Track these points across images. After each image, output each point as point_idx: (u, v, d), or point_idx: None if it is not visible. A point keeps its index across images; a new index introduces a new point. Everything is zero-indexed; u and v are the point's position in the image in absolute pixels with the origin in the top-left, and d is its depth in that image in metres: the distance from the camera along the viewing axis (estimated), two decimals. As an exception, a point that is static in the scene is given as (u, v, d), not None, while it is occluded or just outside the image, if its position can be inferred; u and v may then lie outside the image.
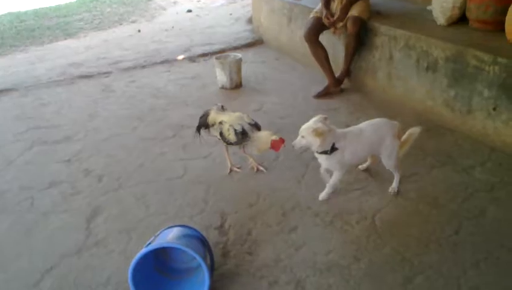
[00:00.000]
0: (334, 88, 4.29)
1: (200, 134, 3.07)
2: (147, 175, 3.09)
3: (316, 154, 2.61)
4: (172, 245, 1.93)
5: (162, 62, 5.45)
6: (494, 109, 3.04)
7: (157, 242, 1.94)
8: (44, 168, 3.24)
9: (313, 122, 2.48)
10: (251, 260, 2.27)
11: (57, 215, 2.71)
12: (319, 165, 3.04)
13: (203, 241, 2.10)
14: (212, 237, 2.41)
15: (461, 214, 2.53)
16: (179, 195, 2.85)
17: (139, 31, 6.76)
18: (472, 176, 2.88)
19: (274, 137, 2.74)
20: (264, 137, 2.78)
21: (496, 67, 2.94)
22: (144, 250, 1.88)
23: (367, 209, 2.61)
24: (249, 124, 2.84)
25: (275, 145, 2.73)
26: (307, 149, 2.56)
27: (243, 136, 2.80)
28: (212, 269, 2.10)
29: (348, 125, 3.62)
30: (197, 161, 3.23)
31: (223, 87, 4.61)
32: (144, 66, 5.33)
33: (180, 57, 5.58)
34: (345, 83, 4.41)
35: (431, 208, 2.59)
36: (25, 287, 2.17)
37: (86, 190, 2.95)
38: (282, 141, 2.73)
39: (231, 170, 3.07)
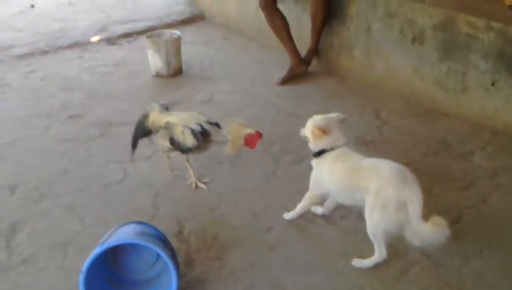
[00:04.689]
0: (300, 68, 4.84)
1: (135, 148, 3.34)
2: (75, 182, 3.44)
3: None
4: (136, 241, 2.32)
5: (71, 46, 5.78)
6: (493, 84, 3.69)
7: (115, 239, 2.33)
8: None
9: (321, 117, 2.85)
10: (221, 266, 2.71)
11: (-37, 236, 3.00)
12: (291, 160, 3.56)
13: (164, 242, 2.50)
14: (170, 244, 2.82)
15: (461, 203, 3.10)
16: (120, 203, 3.23)
17: (32, 6, 7.03)
18: (471, 162, 3.50)
19: (249, 131, 3.04)
20: (236, 130, 3.04)
21: (491, 34, 3.59)
22: (98, 249, 2.26)
23: (352, 204, 3.13)
24: (208, 122, 3.12)
25: (250, 141, 3.03)
26: None
27: (204, 136, 3.06)
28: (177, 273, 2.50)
29: (322, 112, 4.21)
30: (138, 163, 3.61)
31: (158, 75, 5.04)
32: (46, 52, 5.64)
33: (95, 39, 5.94)
34: (314, 65, 4.99)
35: (426, 198, 3.13)
36: None
37: (-5, 204, 3.27)
38: (259, 135, 3.03)
39: (196, 185, 3.36)
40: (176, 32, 5.20)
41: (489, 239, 2.84)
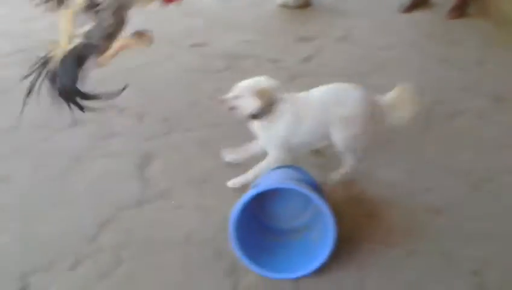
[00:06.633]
0: None
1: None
2: (205, 117, 3.48)
3: (252, 125, 2.83)
4: (292, 187, 2.29)
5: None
6: None
7: (268, 183, 2.33)
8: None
9: (254, 82, 2.77)
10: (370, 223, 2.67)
11: (93, 161, 3.10)
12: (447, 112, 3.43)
13: (317, 190, 2.47)
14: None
15: None
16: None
17: None
18: None
19: None
20: None
21: None
22: (252, 191, 2.24)
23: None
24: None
25: None
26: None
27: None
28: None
29: (479, 62, 4.02)
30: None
31: (284, 5, 5.01)
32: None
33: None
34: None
35: None
36: (80, 242, 2.55)
37: (123, 131, 3.35)
38: None
39: None
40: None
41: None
